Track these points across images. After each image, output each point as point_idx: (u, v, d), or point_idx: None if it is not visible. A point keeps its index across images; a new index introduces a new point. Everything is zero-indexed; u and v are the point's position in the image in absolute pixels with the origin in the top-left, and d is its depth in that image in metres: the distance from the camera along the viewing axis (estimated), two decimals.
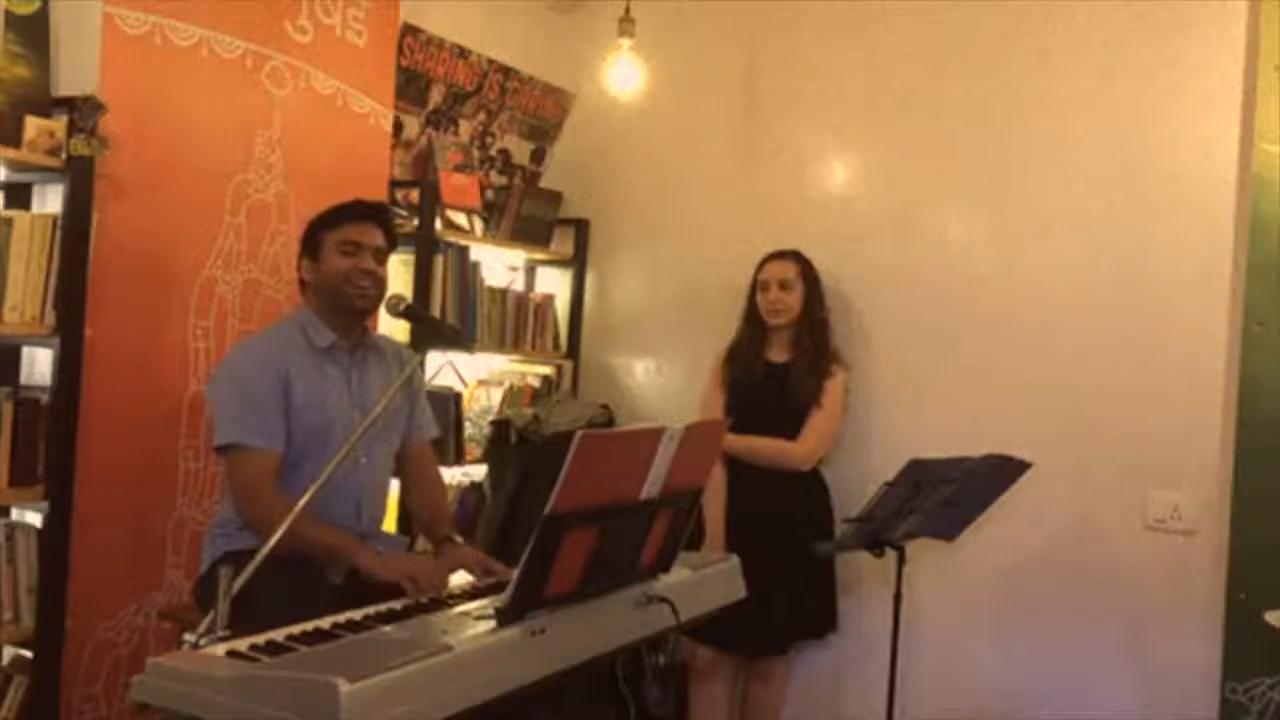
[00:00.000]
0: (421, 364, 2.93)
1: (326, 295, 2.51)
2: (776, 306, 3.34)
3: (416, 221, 3.47)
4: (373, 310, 2.58)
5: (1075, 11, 3.28)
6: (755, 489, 3.28)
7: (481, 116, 3.92)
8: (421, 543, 3.39)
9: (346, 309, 2.51)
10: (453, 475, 3.64)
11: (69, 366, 2.54)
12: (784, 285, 3.35)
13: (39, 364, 2.68)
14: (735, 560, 2.49)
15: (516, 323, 3.95)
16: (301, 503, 1.94)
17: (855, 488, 3.27)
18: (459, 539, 2.61)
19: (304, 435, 2.42)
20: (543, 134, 4.20)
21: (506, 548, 2.80)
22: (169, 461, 2.85)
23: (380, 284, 2.53)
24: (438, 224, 3.55)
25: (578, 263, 4.15)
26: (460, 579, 2.38)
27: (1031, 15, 3.34)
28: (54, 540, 2.56)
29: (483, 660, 1.70)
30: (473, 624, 1.83)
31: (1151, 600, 3.12)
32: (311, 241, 2.53)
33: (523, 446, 3.60)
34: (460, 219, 3.67)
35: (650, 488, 1.97)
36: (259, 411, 2.37)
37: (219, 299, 2.95)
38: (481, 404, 3.89)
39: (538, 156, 4.23)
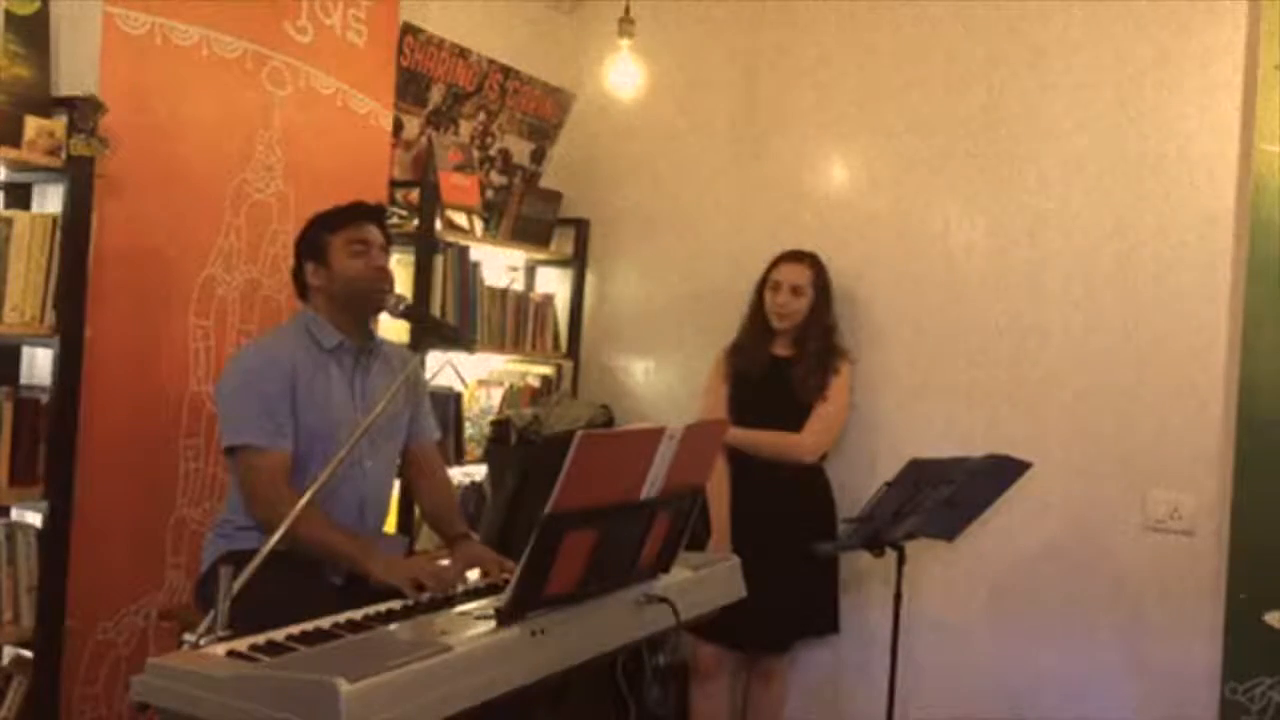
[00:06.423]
0: (421, 364, 2.93)
1: (342, 298, 2.49)
2: (784, 310, 3.30)
3: (416, 221, 3.47)
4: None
5: (1075, 11, 3.28)
6: (759, 488, 3.26)
7: (481, 116, 3.92)
8: (422, 543, 3.40)
9: (369, 308, 2.51)
10: (453, 475, 3.63)
11: (69, 366, 2.54)
12: (795, 290, 3.30)
13: (39, 364, 2.68)
14: (735, 560, 2.50)
15: (516, 323, 3.95)
16: (302, 502, 1.94)
17: (856, 487, 3.27)
18: (474, 535, 2.63)
19: (309, 437, 2.41)
20: (543, 134, 4.19)
21: (507, 548, 2.79)
22: (169, 461, 2.85)
23: (392, 280, 2.54)
24: (438, 224, 3.55)
25: (578, 263, 4.15)
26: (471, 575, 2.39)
27: (1031, 15, 3.35)
28: (54, 540, 2.55)
29: (483, 660, 1.70)
30: (473, 624, 1.83)
31: (1151, 600, 3.12)
32: (313, 245, 2.51)
33: (523, 446, 3.60)
34: (460, 219, 3.67)
35: (650, 488, 1.97)
36: (269, 411, 2.36)
37: (219, 299, 2.95)
38: (481, 404, 3.89)
39: (538, 156, 4.23)
